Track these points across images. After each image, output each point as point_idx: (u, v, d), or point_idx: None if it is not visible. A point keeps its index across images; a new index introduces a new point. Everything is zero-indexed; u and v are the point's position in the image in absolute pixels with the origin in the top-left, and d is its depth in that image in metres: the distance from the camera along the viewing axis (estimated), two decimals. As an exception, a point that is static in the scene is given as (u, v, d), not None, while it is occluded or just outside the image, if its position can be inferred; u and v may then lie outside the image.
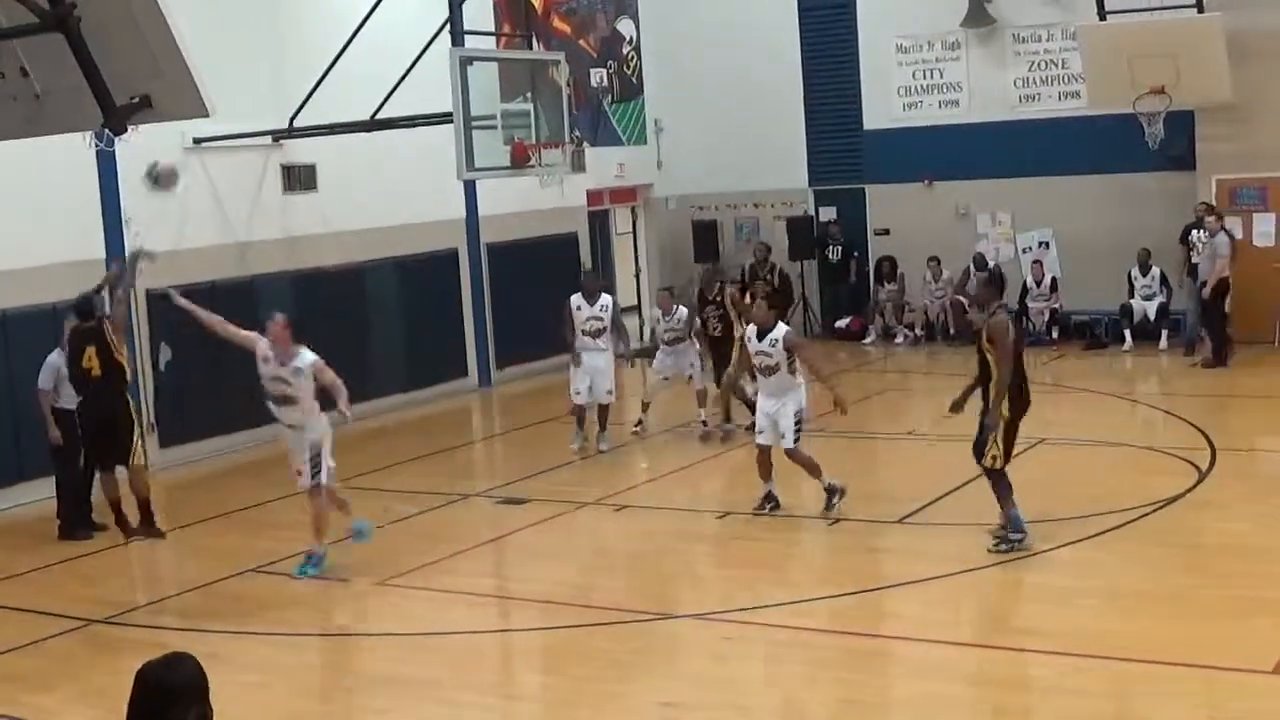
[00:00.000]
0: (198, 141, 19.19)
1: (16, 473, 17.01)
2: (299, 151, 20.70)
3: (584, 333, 18.42)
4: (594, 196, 26.98)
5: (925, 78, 26.67)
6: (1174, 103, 22.32)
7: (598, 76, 27.09)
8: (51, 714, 10.46)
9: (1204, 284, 22.29)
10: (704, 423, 18.98)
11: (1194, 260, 22.70)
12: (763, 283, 19.52)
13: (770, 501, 14.96)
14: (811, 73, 27.67)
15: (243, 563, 14.02)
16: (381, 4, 19.54)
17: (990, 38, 25.94)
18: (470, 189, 23.49)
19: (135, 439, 13.03)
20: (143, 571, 15.15)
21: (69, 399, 15.30)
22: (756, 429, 15.22)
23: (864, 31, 27.03)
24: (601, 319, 18.44)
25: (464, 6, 21.64)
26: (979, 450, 13.06)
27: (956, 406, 13.83)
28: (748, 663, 10.82)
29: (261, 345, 13.50)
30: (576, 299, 18.63)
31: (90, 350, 12.71)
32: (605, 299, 18.75)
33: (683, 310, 19.17)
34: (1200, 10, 22.40)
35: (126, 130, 10.50)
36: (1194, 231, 22.78)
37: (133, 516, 13.40)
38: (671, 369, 19.16)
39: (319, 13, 20.88)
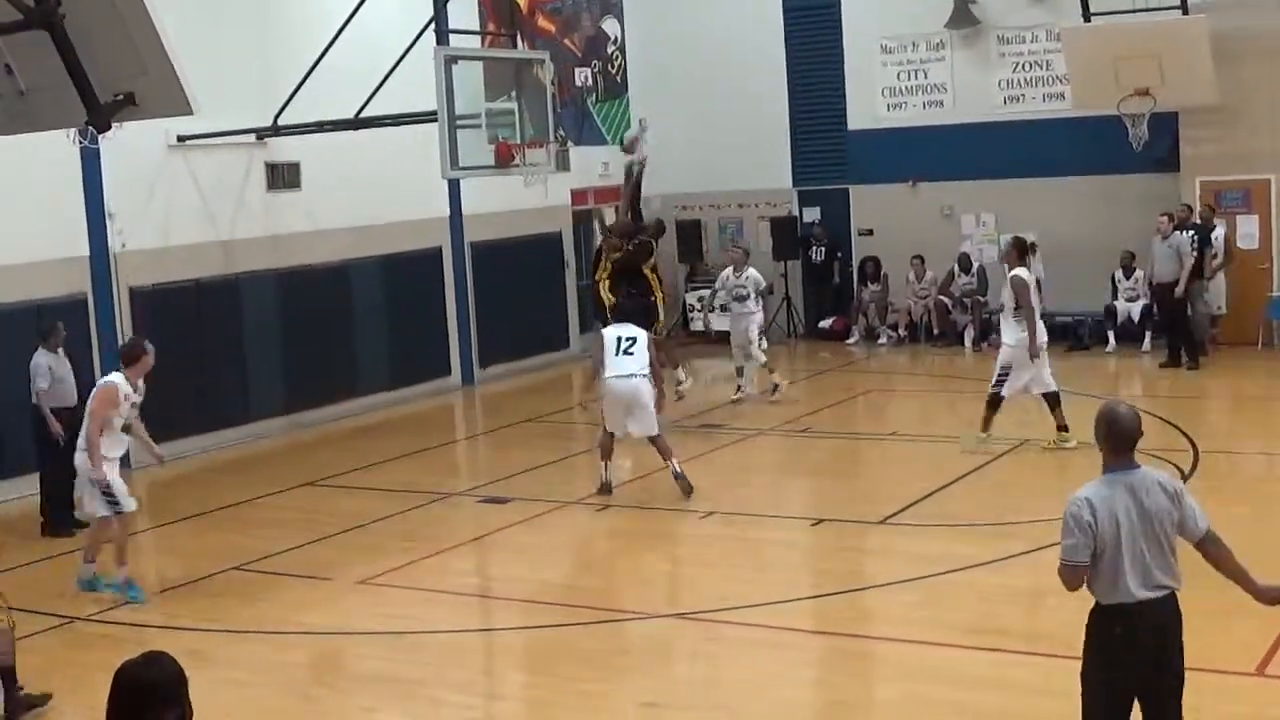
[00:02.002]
0: (182, 139, 19.16)
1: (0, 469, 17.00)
2: (283, 150, 20.67)
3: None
4: (578, 196, 26.95)
5: (910, 78, 26.70)
6: (1158, 104, 22.35)
7: (582, 76, 27.08)
8: (33, 710, 10.43)
9: (1160, 284, 22.43)
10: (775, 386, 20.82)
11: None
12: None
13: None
14: (796, 73, 27.68)
15: (225, 560, 14.01)
16: (366, 2, 19.52)
17: (975, 39, 25.97)
18: (454, 188, 23.48)
19: None
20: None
21: (62, 397, 15.33)
22: None
23: (848, 32, 27.03)
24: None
25: (449, 5, 21.64)
26: None
27: None
28: (730, 663, 10.82)
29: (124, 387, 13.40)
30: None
31: None
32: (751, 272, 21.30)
33: (752, 271, 21.07)
34: (1185, 12, 22.44)
35: (111, 128, 10.50)
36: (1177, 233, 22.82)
37: None
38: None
39: (304, 11, 20.85)
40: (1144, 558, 6.87)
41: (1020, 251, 17.44)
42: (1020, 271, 16.99)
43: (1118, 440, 7.00)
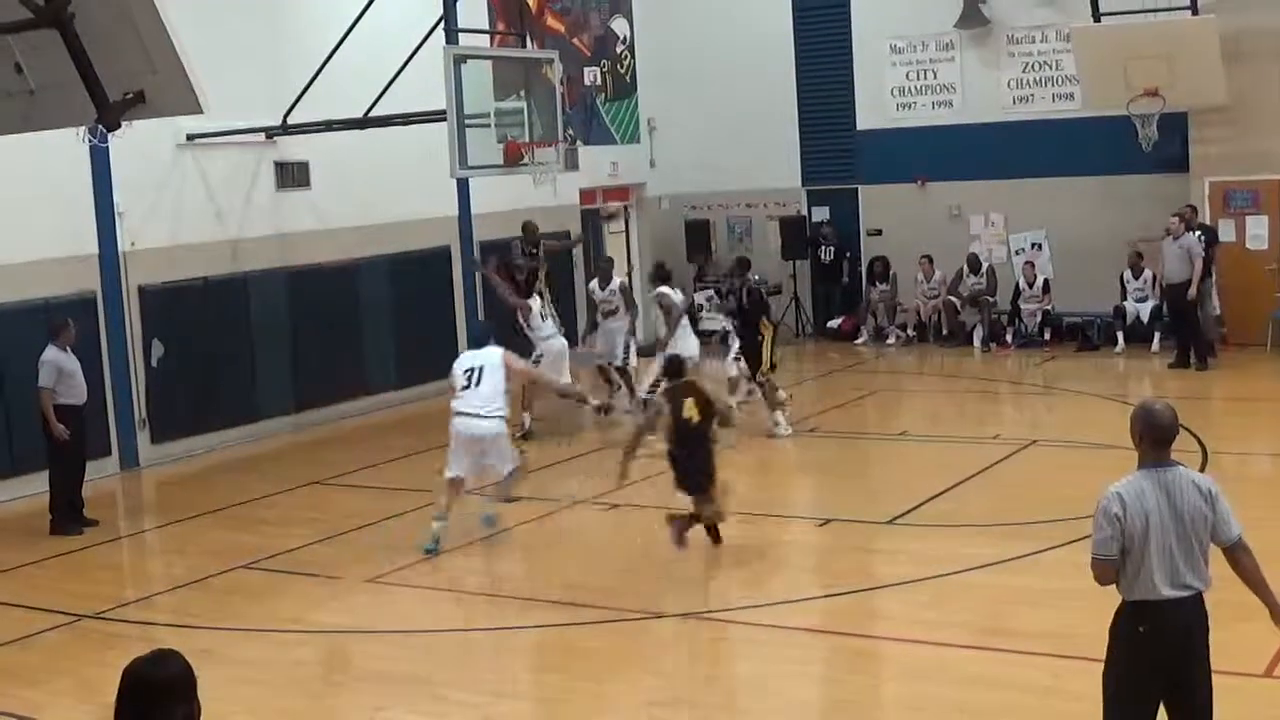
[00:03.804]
0: (191, 138, 19.18)
1: (8, 468, 17.00)
2: (292, 148, 20.68)
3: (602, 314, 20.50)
4: (587, 195, 26.96)
5: (919, 78, 26.68)
6: (1167, 105, 22.33)
7: (591, 75, 27.09)
8: (41, 709, 10.46)
9: (1171, 285, 22.37)
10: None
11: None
12: (733, 297, 20.42)
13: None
14: (805, 73, 27.66)
15: (233, 559, 14.01)
16: (375, 2, 19.54)
17: (984, 39, 25.94)
18: (463, 187, 23.48)
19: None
20: (133, 567, 15.17)
21: (67, 394, 15.34)
22: None
23: (858, 32, 27.02)
24: (611, 301, 20.53)
25: (458, 4, 21.62)
26: None
27: None
28: (737, 662, 10.83)
29: None
30: (592, 284, 20.87)
31: (689, 401, 13.54)
32: (615, 282, 20.77)
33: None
34: (1194, 12, 22.41)
35: (120, 126, 10.52)
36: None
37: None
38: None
39: (313, 10, 20.87)
40: (1172, 556, 6.86)
41: (663, 276, 20.11)
42: (664, 289, 19.47)
43: (1153, 437, 7.00)
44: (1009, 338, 25.18)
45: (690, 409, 13.43)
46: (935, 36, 26.33)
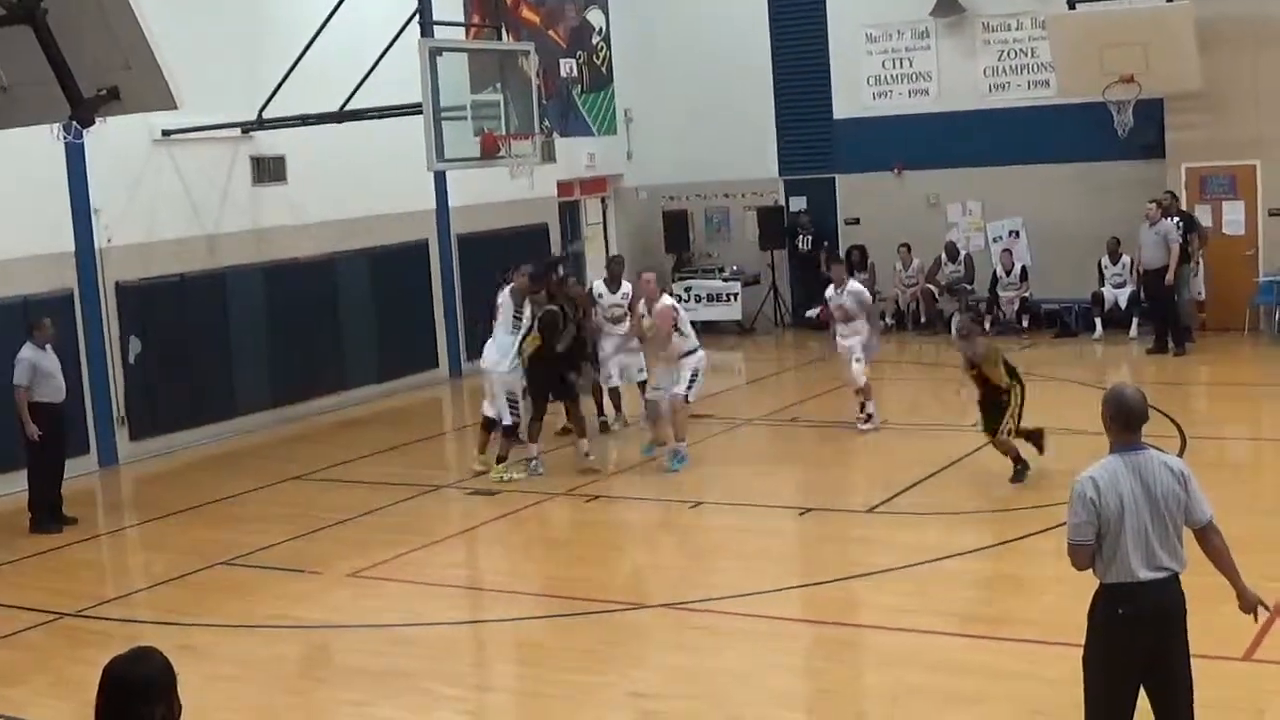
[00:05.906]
0: (166, 134, 19.12)
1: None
2: (268, 143, 20.62)
3: (608, 320, 18.46)
4: (564, 187, 26.95)
5: (895, 67, 26.69)
6: (1143, 91, 22.40)
7: (567, 67, 27.05)
8: (22, 707, 10.43)
9: (1149, 271, 22.45)
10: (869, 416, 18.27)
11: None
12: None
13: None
14: (781, 62, 27.67)
15: (213, 555, 13.99)
16: (350, -6, 19.51)
17: (960, 27, 25.96)
18: (440, 180, 23.44)
19: None
20: (113, 564, 15.14)
21: (44, 393, 15.29)
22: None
23: (833, 21, 27.02)
24: (622, 305, 18.46)
25: (433, -3, 21.59)
26: None
27: None
28: (719, 653, 10.83)
29: None
30: (598, 285, 18.87)
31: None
32: (626, 286, 18.62)
33: (854, 284, 18.63)
34: (1169, -1, 22.49)
35: (95, 122, 10.50)
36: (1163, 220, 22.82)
37: None
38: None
39: (288, 4, 20.80)
40: (1148, 538, 6.90)
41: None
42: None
43: (1124, 421, 7.05)
44: (987, 325, 25.19)
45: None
46: (910, 25, 26.35)
